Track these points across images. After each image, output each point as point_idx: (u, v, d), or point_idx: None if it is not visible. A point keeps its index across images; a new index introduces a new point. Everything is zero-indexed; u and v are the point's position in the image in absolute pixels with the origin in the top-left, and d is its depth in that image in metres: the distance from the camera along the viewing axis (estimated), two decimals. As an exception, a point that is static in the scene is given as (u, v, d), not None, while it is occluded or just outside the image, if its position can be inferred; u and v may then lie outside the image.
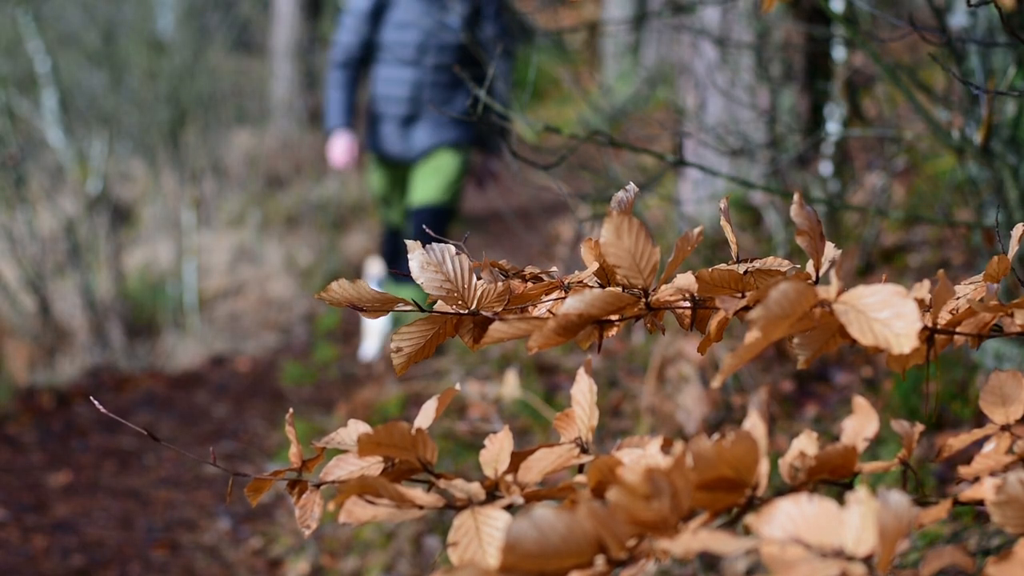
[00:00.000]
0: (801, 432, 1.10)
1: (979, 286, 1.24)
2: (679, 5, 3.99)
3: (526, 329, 1.18)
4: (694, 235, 1.24)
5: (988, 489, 1.03)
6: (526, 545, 0.88)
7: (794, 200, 1.18)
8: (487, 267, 1.30)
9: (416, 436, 1.13)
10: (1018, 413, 1.19)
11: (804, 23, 4.48)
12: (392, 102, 5.77)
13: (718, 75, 4.40)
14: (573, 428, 1.22)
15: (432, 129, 5.76)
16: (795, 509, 0.89)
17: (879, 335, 1.03)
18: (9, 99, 6.55)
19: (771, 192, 2.82)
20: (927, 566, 0.90)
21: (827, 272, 1.22)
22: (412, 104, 5.73)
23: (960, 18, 3.06)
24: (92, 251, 6.21)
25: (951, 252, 4.25)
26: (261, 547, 3.87)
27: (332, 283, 1.25)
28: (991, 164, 2.82)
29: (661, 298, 1.24)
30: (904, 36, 2.21)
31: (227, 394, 5.49)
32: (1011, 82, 2.74)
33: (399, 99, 5.77)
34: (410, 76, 5.72)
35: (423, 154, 5.76)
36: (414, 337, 1.29)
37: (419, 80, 5.72)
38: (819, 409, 3.63)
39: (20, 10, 7.15)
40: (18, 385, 5.29)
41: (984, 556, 2.19)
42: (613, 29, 10.21)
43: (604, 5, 12.64)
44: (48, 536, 3.88)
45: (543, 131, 2.48)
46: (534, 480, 1.16)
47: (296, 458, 1.25)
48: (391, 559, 3.53)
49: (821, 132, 4.43)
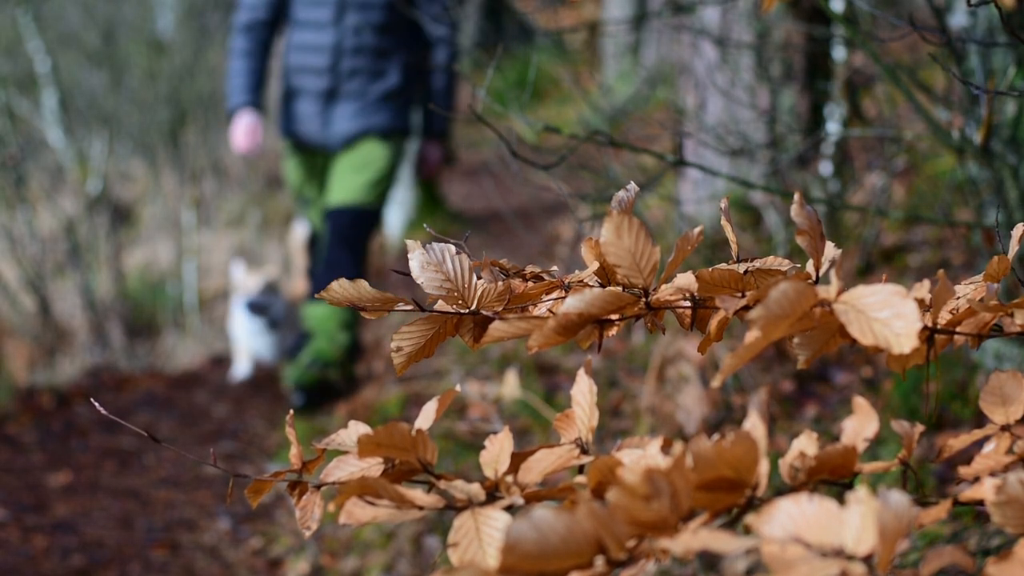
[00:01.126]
0: (801, 432, 1.10)
1: (979, 286, 1.24)
2: (679, 5, 3.99)
3: (526, 328, 1.18)
4: (694, 235, 1.24)
5: (988, 489, 1.03)
6: (526, 546, 0.88)
7: (794, 200, 1.18)
8: (487, 266, 1.30)
9: (416, 437, 1.13)
10: (1018, 413, 1.19)
11: (804, 23, 4.48)
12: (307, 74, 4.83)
13: (718, 75, 4.40)
14: (573, 428, 1.22)
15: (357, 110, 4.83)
16: (795, 509, 0.89)
17: (879, 335, 1.03)
18: (9, 99, 6.55)
19: (771, 192, 2.82)
20: (927, 566, 0.90)
21: (827, 272, 1.22)
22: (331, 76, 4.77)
23: (960, 18, 3.06)
24: (92, 251, 6.21)
25: (951, 252, 4.24)
26: (261, 547, 3.87)
27: (332, 283, 1.25)
28: (991, 164, 2.81)
29: (661, 298, 1.24)
30: (904, 36, 2.21)
31: (227, 394, 5.49)
32: (1011, 82, 2.74)
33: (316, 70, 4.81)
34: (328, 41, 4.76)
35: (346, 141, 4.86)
36: (414, 337, 1.29)
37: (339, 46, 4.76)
38: (819, 409, 3.63)
39: (20, 10, 7.15)
40: (18, 385, 5.29)
41: (984, 556, 2.19)
42: (613, 29, 10.21)
43: (604, 5, 12.63)
44: (48, 536, 3.88)
45: (543, 131, 2.48)
46: (534, 481, 1.16)
47: (296, 459, 1.25)
48: (391, 559, 3.53)
49: (821, 132, 4.42)
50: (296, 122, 4.87)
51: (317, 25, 4.76)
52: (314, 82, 4.80)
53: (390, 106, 4.86)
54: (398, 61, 4.85)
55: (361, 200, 4.82)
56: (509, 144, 2.31)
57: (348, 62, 4.76)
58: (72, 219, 6.18)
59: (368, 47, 4.77)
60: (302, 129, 4.87)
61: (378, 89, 4.83)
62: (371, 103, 4.82)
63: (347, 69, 4.77)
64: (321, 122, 4.82)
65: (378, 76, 4.80)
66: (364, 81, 4.82)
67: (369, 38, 4.76)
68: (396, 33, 4.85)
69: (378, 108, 4.83)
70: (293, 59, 4.83)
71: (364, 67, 4.77)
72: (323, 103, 4.81)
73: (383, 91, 4.84)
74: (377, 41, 4.77)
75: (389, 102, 4.86)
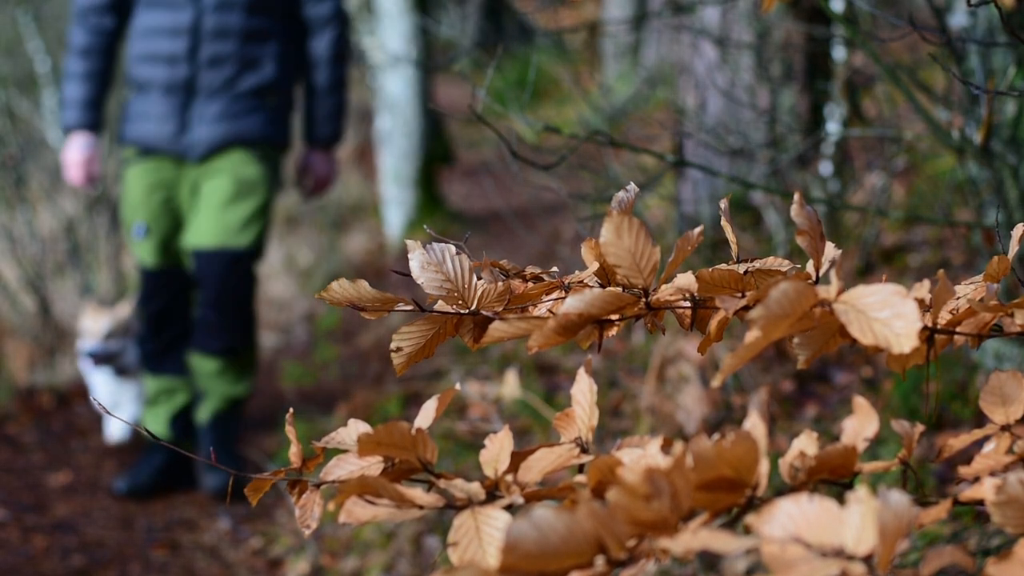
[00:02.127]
0: (801, 432, 1.10)
1: (979, 286, 1.24)
2: (679, 5, 3.99)
3: (526, 328, 1.18)
4: (694, 235, 1.24)
5: (988, 489, 1.03)
6: (526, 545, 0.88)
7: (794, 200, 1.18)
8: (487, 267, 1.30)
9: (416, 436, 1.13)
10: (1018, 413, 1.19)
11: (804, 23, 4.48)
12: (158, 64, 3.83)
13: (718, 75, 4.40)
14: (573, 428, 1.22)
15: (221, 110, 3.85)
16: (795, 509, 0.89)
17: (879, 335, 1.03)
18: (9, 99, 6.55)
19: (771, 192, 2.82)
20: (927, 566, 0.90)
21: (827, 272, 1.22)
22: (188, 66, 3.80)
23: (960, 18, 3.06)
24: (92, 251, 6.20)
25: (951, 252, 4.25)
26: (261, 547, 3.87)
27: (332, 283, 1.25)
28: (991, 164, 2.82)
29: (661, 298, 1.24)
30: (904, 36, 2.21)
31: (227, 394, 5.48)
32: (1011, 82, 2.74)
33: (168, 58, 3.82)
34: (184, 21, 3.79)
35: (209, 151, 3.86)
36: (414, 337, 1.29)
37: (197, 26, 3.79)
38: (819, 409, 3.63)
39: (20, 10, 7.15)
40: (18, 385, 5.29)
41: (984, 556, 2.19)
42: (613, 29, 10.21)
43: (604, 5, 12.64)
44: (48, 536, 3.88)
45: (543, 131, 2.48)
46: (534, 480, 1.16)
47: (296, 458, 1.25)
48: (391, 559, 3.53)
49: (821, 132, 4.43)
50: (143, 124, 3.87)
51: (169, 5, 3.80)
52: (166, 73, 3.81)
53: (265, 106, 3.91)
54: (274, 47, 3.90)
55: (237, 243, 3.88)
56: (509, 144, 2.31)
57: (209, 47, 3.79)
58: (72, 219, 6.18)
59: (235, 29, 3.81)
60: (150, 132, 3.85)
61: (249, 83, 3.88)
62: (240, 101, 3.85)
63: (208, 56, 3.79)
64: (176, 124, 3.83)
65: (249, 66, 3.84)
66: (230, 72, 3.85)
67: (236, 17, 3.80)
68: (272, 11, 3.92)
69: (249, 109, 3.86)
70: (139, 46, 3.84)
71: (230, 54, 3.81)
72: (178, 100, 3.81)
73: (255, 86, 3.89)
74: (246, 21, 3.82)
75: (263, 101, 3.90)
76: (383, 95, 8.09)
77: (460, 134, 10.79)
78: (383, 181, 8.28)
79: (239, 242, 3.88)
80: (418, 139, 8.06)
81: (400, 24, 7.76)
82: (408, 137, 8.03)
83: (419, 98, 7.97)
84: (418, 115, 8.02)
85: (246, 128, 3.86)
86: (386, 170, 8.17)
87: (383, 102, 8.10)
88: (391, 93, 8.00)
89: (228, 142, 3.86)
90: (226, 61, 3.82)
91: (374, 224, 8.47)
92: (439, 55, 9.47)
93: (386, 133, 8.09)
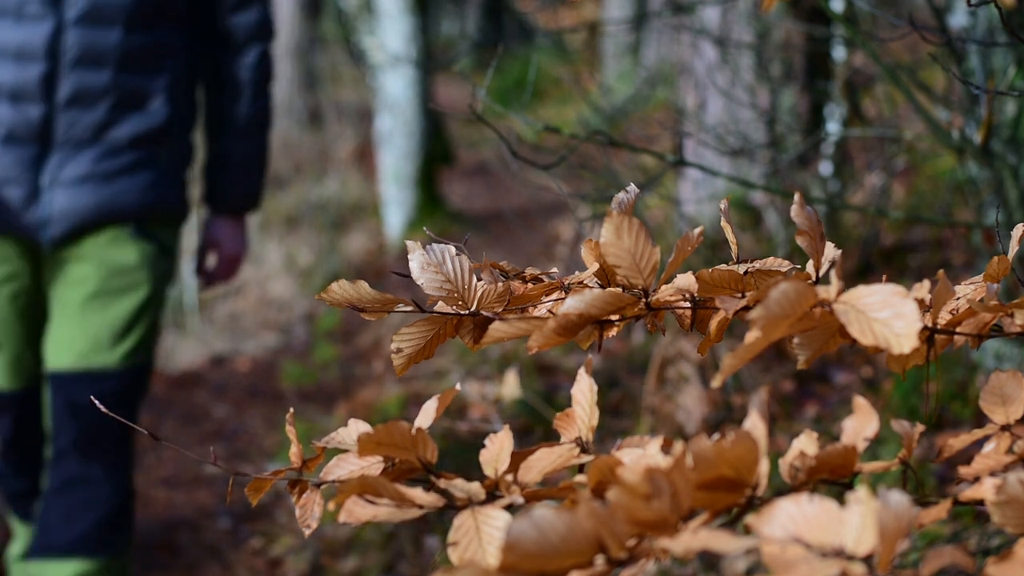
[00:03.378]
0: (801, 432, 1.10)
1: (979, 286, 1.24)
2: (679, 5, 3.99)
3: (526, 329, 1.18)
4: (694, 235, 1.24)
5: (988, 489, 1.03)
6: (526, 545, 0.88)
7: (794, 200, 1.18)
8: (487, 268, 1.30)
9: (416, 436, 1.13)
10: (1018, 413, 1.19)
11: (804, 23, 4.48)
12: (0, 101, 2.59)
13: (718, 75, 4.40)
14: (573, 428, 1.22)
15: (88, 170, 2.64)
16: (795, 509, 0.89)
17: (879, 335, 1.03)
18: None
19: (771, 192, 2.82)
20: (927, 566, 0.90)
21: (827, 272, 1.22)
22: (42, 104, 2.60)
23: (960, 18, 3.06)
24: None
25: (951, 252, 4.25)
26: (261, 547, 3.87)
27: (332, 283, 1.25)
28: (991, 164, 2.82)
29: (661, 298, 1.24)
30: (904, 36, 2.21)
31: (227, 394, 5.49)
32: (1011, 82, 2.74)
33: (13, 92, 2.59)
34: (37, 41, 2.57)
35: (71, 232, 2.65)
36: (414, 338, 1.29)
37: (55, 47, 2.57)
38: (819, 409, 3.63)
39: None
40: (18, 385, 5.28)
41: (984, 556, 2.19)
42: (613, 29, 10.21)
43: (604, 5, 12.64)
44: (48, 536, 3.88)
45: (543, 131, 2.48)
46: (534, 480, 1.16)
47: (296, 458, 1.25)
48: (391, 559, 3.53)
49: (821, 132, 4.43)
50: None
51: (15, 12, 2.56)
52: (9, 115, 2.60)
53: (151, 161, 2.71)
54: (168, 76, 2.70)
55: (105, 362, 2.67)
56: (509, 144, 2.31)
57: (72, 77, 2.60)
58: None
59: (111, 50, 2.61)
60: None
61: (128, 129, 2.70)
62: (115, 156, 2.66)
63: (70, 91, 2.60)
64: (23, 189, 2.61)
65: (129, 104, 2.66)
66: (102, 114, 2.66)
67: (114, 33, 2.61)
68: (165, 22, 2.71)
69: (128, 166, 2.67)
70: None
71: (103, 87, 2.62)
72: (25, 153, 2.60)
73: (138, 132, 2.71)
74: (127, 38, 2.62)
75: (149, 153, 2.70)
76: (383, 95, 8.10)
77: (460, 134, 10.79)
78: (383, 181, 8.28)
79: (108, 361, 2.67)
80: (418, 139, 8.06)
81: (400, 24, 7.77)
82: (408, 137, 8.03)
83: (419, 98, 7.97)
84: (418, 115, 8.02)
85: (123, 195, 2.66)
86: (386, 170, 8.17)
87: (383, 102, 8.11)
88: (391, 93, 8.00)
89: (99, 218, 2.66)
90: (97, 98, 2.63)
91: (374, 224, 8.47)
92: (439, 55, 9.47)
93: (386, 133, 8.09)
